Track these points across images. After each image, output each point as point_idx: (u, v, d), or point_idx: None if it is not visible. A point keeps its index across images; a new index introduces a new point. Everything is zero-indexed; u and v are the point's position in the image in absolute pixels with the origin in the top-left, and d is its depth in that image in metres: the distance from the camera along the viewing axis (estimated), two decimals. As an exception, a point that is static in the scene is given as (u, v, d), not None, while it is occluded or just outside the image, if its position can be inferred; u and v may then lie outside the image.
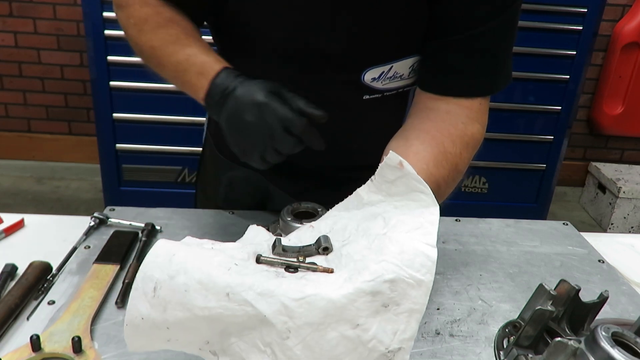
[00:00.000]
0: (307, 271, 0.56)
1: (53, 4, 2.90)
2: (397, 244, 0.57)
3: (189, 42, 0.77)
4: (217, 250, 0.57)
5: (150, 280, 0.52)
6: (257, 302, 0.51)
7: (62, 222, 1.03)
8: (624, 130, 3.23)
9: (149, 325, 0.52)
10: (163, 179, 2.48)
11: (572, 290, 0.71)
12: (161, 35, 0.79)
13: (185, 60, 0.75)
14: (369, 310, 0.52)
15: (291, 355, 0.51)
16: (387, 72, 0.83)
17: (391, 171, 0.66)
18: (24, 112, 3.15)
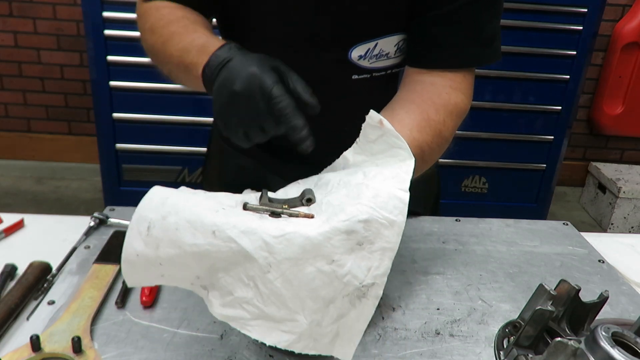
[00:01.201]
0: (290, 217, 0.60)
1: (53, 4, 2.90)
2: (373, 189, 0.61)
3: (195, 29, 0.78)
4: (207, 196, 0.61)
5: (144, 221, 0.57)
6: (240, 239, 0.55)
7: (62, 222, 1.03)
8: (624, 130, 3.23)
9: (143, 261, 0.57)
10: (163, 179, 2.48)
11: (572, 290, 0.71)
12: (172, 29, 0.79)
13: (189, 44, 0.75)
14: (344, 248, 0.57)
15: (272, 288, 0.56)
16: (373, 49, 0.85)
17: (372, 130, 0.69)
18: (24, 112, 3.15)
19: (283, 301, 0.56)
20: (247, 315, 0.58)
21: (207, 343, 0.72)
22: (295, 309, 0.57)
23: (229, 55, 0.67)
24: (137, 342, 0.72)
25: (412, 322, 0.79)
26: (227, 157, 1.13)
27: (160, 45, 0.80)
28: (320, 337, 0.59)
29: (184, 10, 0.83)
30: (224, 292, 0.58)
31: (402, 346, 0.74)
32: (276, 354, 0.71)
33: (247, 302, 0.57)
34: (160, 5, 0.84)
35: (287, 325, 0.57)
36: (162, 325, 0.75)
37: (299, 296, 0.56)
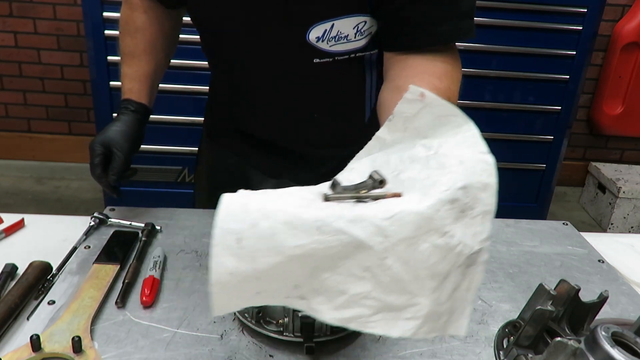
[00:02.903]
0: (375, 200, 0.56)
1: (53, 4, 2.90)
2: (454, 157, 0.58)
3: (134, 62, 1.03)
4: (285, 194, 0.56)
5: (230, 233, 0.50)
6: (350, 229, 0.51)
7: (62, 222, 1.03)
8: (623, 130, 3.23)
9: (238, 279, 0.50)
10: (163, 179, 2.48)
11: (572, 290, 0.71)
12: (124, 42, 1.04)
13: (122, 75, 1.03)
14: (451, 218, 0.54)
15: (391, 274, 0.52)
16: (330, 30, 0.85)
17: (411, 105, 0.65)
18: (24, 112, 3.15)
19: (404, 286, 0.53)
20: (366, 312, 0.53)
21: (207, 343, 0.72)
22: (416, 292, 0.53)
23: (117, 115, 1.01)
24: (137, 342, 0.72)
25: (412, 322, 0.79)
26: (216, 156, 1.17)
27: (119, 50, 1.05)
28: (439, 316, 0.55)
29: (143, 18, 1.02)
30: (332, 294, 0.53)
31: (402, 346, 0.74)
32: (276, 354, 0.71)
33: (365, 297, 0.53)
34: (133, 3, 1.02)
35: (409, 311, 0.53)
36: (162, 325, 0.75)
37: (419, 277, 0.53)
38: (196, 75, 2.28)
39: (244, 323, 0.74)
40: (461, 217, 0.55)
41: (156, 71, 1.05)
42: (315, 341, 0.70)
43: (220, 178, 1.17)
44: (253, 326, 0.73)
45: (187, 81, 2.29)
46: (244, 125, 1.08)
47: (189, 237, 0.99)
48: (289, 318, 0.71)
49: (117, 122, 0.99)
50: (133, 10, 1.02)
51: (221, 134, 1.15)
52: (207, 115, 1.20)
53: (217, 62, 1.06)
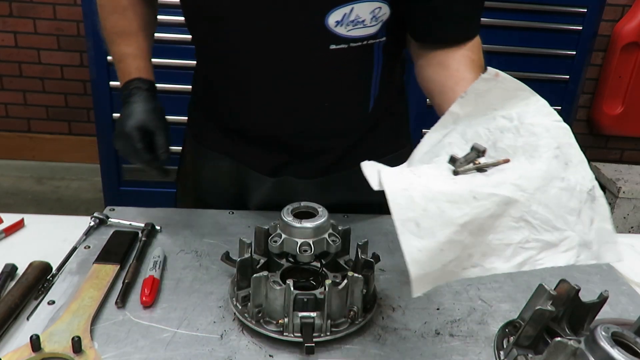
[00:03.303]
0: (493, 166, 0.69)
1: (53, 4, 2.90)
2: (539, 126, 0.71)
3: (130, 40, 0.99)
4: (429, 175, 0.67)
5: (409, 221, 0.60)
6: (498, 190, 0.63)
7: (62, 222, 1.03)
8: (623, 130, 3.23)
9: (426, 254, 0.60)
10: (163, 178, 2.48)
11: (572, 290, 0.71)
12: (112, 22, 1.00)
13: (119, 55, 0.99)
14: (561, 169, 0.67)
15: (539, 217, 0.64)
16: (349, 14, 0.85)
17: (486, 83, 0.75)
18: (24, 112, 3.16)
19: (552, 224, 0.64)
20: (533, 253, 0.64)
21: (207, 343, 0.72)
22: (562, 227, 0.64)
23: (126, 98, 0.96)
24: (137, 342, 0.72)
25: (412, 322, 0.79)
26: (201, 159, 1.12)
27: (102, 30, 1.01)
28: (590, 245, 0.66)
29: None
30: (500, 250, 0.64)
31: (402, 346, 0.74)
32: (276, 354, 0.71)
33: (527, 240, 0.64)
34: None
35: (564, 244, 0.64)
36: (162, 325, 0.75)
37: (559, 214, 0.65)
38: (196, 75, 2.28)
39: (244, 323, 0.74)
40: (566, 167, 0.68)
41: (152, 48, 1.04)
42: (315, 341, 0.70)
43: (210, 181, 1.13)
44: (253, 326, 0.73)
45: (187, 81, 2.29)
46: (239, 123, 1.03)
47: (189, 237, 0.99)
48: (289, 318, 0.71)
49: (137, 103, 0.94)
50: None
51: (211, 136, 1.09)
52: (191, 116, 1.16)
53: (211, 54, 1.00)
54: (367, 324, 0.77)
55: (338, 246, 0.79)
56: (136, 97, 0.94)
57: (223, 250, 0.86)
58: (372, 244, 0.96)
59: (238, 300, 0.76)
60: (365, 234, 1.03)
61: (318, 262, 0.81)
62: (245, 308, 0.75)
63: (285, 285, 0.71)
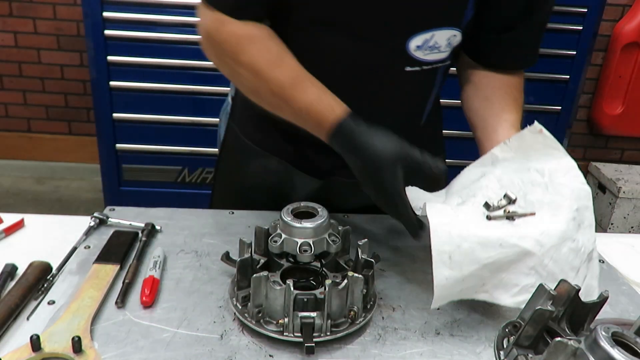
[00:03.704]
0: (521, 217, 0.80)
1: (53, 4, 2.90)
2: (566, 187, 0.82)
3: (306, 83, 0.85)
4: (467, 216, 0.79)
5: (444, 253, 0.73)
6: (521, 243, 0.75)
7: (62, 222, 1.03)
8: (624, 130, 3.23)
9: (451, 282, 0.74)
10: (163, 179, 2.48)
11: (572, 290, 0.71)
12: (276, 76, 0.85)
13: (307, 103, 0.84)
14: (574, 230, 0.78)
15: (548, 270, 0.76)
16: (429, 40, 0.89)
17: (529, 135, 0.87)
18: (24, 112, 3.16)
19: (556, 277, 0.72)
20: None
21: (207, 343, 0.72)
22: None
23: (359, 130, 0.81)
24: (137, 342, 0.72)
25: (412, 322, 0.79)
26: (248, 157, 1.11)
27: (267, 93, 0.87)
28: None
29: (277, 45, 0.87)
30: (509, 286, 0.77)
31: (402, 346, 0.74)
32: (276, 354, 0.71)
33: (532, 286, 0.72)
34: (249, 34, 0.86)
35: None
36: (162, 325, 0.75)
37: (564, 270, 0.77)
38: (196, 75, 2.28)
39: (244, 323, 0.74)
40: (579, 228, 0.79)
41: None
42: (315, 341, 0.70)
43: (256, 177, 1.12)
44: (253, 326, 0.73)
45: (187, 81, 2.30)
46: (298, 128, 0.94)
47: (189, 237, 0.99)
48: (289, 318, 0.71)
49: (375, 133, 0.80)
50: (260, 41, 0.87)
51: (260, 135, 1.08)
52: (239, 113, 1.12)
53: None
54: (367, 324, 0.77)
55: (338, 246, 0.79)
56: (366, 128, 0.81)
57: (223, 250, 0.86)
58: (372, 244, 0.96)
59: (238, 300, 0.76)
60: (365, 234, 1.03)
61: (318, 262, 0.81)
62: (245, 308, 0.75)
63: (285, 285, 0.71)
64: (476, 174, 0.88)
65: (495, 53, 0.99)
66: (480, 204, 0.82)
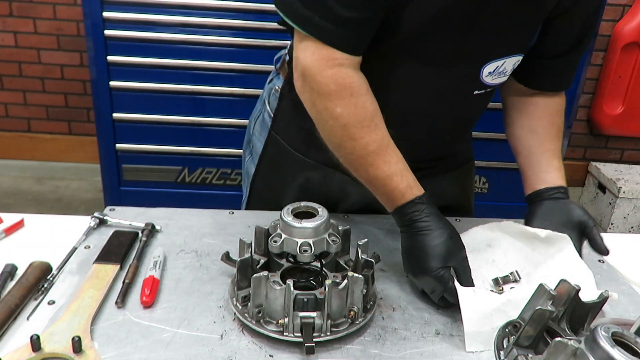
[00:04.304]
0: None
1: (53, 4, 2.90)
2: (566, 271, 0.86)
3: (390, 155, 0.85)
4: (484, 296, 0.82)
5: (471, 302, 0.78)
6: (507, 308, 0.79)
7: (62, 222, 1.03)
8: (624, 130, 3.23)
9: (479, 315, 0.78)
10: (163, 179, 2.48)
11: (572, 290, 0.71)
12: (363, 138, 0.84)
13: (383, 178, 0.85)
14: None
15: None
16: (500, 66, 0.92)
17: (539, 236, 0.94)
18: (24, 112, 3.15)
19: None
20: None
21: (207, 343, 0.72)
22: None
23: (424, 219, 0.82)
24: (137, 342, 0.72)
25: (412, 322, 0.79)
26: (293, 168, 1.08)
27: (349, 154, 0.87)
28: None
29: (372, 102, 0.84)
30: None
31: (402, 346, 0.74)
32: (276, 354, 0.71)
33: None
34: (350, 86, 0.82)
35: None
36: (162, 325, 0.75)
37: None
38: (196, 75, 2.28)
39: (244, 323, 0.74)
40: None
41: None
42: (315, 341, 0.70)
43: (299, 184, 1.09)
44: (253, 326, 0.73)
45: (187, 81, 2.29)
46: None
47: (189, 237, 0.99)
48: (289, 318, 0.71)
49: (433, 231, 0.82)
50: (359, 96, 0.83)
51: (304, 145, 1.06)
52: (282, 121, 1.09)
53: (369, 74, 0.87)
54: (367, 324, 0.77)
55: (338, 246, 0.79)
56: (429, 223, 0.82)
57: (223, 250, 0.86)
58: (372, 244, 0.96)
59: (238, 300, 0.76)
60: (365, 234, 1.03)
61: (318, 262, 0.81)
62: (245, 308, 0.75)
63: (285, 285, 0.71)
64: (483, 239, 0.97)
65: (545, 77, 1.02)
66: (487, 280, 0.90)
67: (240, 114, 2.33)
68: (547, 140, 1.03)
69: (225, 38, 2.21)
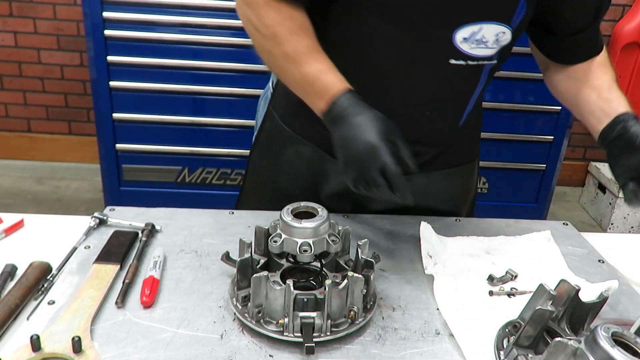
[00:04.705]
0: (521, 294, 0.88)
1: (53, 4, 2.89)
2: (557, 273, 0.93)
3: (320, 56, 0.87)
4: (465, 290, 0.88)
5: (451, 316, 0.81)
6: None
7: (62, 222, 1.03)
8: (624, 130, 3.22)
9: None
10: (163, 179, 2.48)
11: (572, 290, 0.71)
12: (294, 42, 0.88)
13: (312, 75, 0.86)
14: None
15: None
16: (477, 33, 0.89)
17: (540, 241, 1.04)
18: (24, 112, 3.15)
19: None
20: None
21: (207, 343, 0.72)
22: None
23: (350, 110, 0.81)
24: (137, 342, 0.72)
25: (412, 322, 0.79)
26: (283, 143, 1.12)
27: (280, 56, 0.89)
28: None
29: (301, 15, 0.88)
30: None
31: (402, 346, 0.74)
32: (276, 354, 0.71)
33: None
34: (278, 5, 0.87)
35: None
36: (162, 325, 0.75)
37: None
38: (196, 75, 2.28)
39: (244, 323, 0.74)
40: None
41: None
42: (315, 341, 0.70)
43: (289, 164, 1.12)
44: (253, 326, 0.73)
45: (187, 81, 2.29)
46: None
47: (189, 237, 0.99)
48: (289, 318, 0.71)
49: (366, 113, 0.81)
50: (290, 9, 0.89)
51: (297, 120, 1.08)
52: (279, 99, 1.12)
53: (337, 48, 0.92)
54: (367, 324, 0.77)
55: (338, 246, 0.79)
56: (360, 108, 0.82)
57: (223, 250, 0.86)
58: (372, 244, 0.96)
59: (238, 300, 0.76)
60: (365, 234, 1.03)
61: (318, 262, 0.81)
62: (245, 308, 0.75)
63: (285, 285, 0.71)
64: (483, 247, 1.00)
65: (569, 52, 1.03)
66: (483, 277, 0.91)
67: (240, 114, 2.33)
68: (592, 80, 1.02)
69: (225, 38, 2.21)
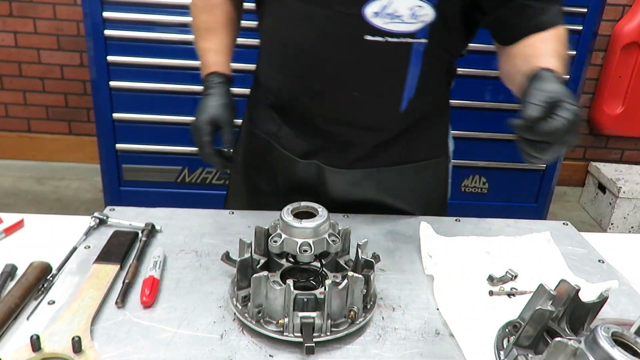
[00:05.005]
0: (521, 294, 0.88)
1: (53, 4, 2.89)
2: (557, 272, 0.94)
3: (214, 36, 1.08)
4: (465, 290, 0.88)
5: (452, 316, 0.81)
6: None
7: (62, 222, 1.03)
8: (624, 130, 3.23)
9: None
10: (163, 179, 2.48)
11: (572, 290, 0.71)
12: (201, 19, 1.10)
13: (202, 50, 1.08)
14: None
15: None
16: (388, 6, 0.88)
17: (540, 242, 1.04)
18: (24, 112, 3.15)
19: None
20: None
21: (207, 343, 0.72)
22: None
23: (205, 90, 1.05)
24: (137, 342, 0.72)
25: (412, 322, 0.79)
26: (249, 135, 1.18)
27: (192, 27, 1.11)
28: None
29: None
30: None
31: (402, 346, 0.74)
32: (276, 354, 0.71)
33: None
34: None
35: None
36: (162, 325, 0.75)
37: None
38: (196, 75, 2.28)
39: (244, 323, 0.74)
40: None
41: (233, 44, 1.12)
42: (315, 341, 0.70)
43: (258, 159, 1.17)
44: (253, 326, 0.73)
45: (187, 81, 2.29)
46: (282, 101, 1.08)
47: (189, 237, 0.99)
48: (289, 318, 0.71)
49: (211, 97, 1.02)
50: None
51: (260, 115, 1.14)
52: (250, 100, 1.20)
53: (267, 32, 1.07)
54: (367, 324, 0.77)
55: (338, 246, 0.79)
56: (211, 90, 1.03)
57: (223, 250, 0.86)
58: (372, 244, 0.96)
59: (238, 300, 0.76)
60: (365, 234, 1.03)
61: (318, 262, 0.81)
62: (245, 308, 0.75)
63: (285, 285, 0.71)
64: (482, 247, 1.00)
65: (505, 29, 1.00)
66: (483, 277, 0.91)
67: (239, 114, 2.32)
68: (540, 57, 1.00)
69: (225, 38, 2.21)
